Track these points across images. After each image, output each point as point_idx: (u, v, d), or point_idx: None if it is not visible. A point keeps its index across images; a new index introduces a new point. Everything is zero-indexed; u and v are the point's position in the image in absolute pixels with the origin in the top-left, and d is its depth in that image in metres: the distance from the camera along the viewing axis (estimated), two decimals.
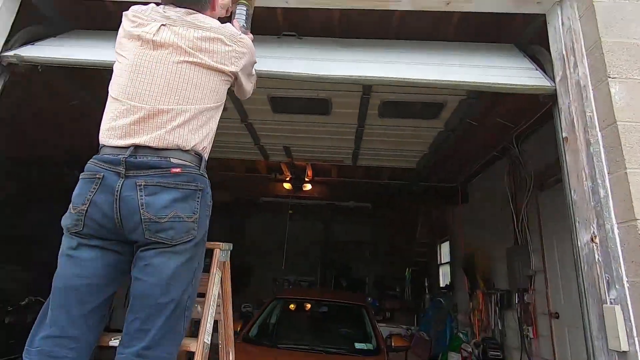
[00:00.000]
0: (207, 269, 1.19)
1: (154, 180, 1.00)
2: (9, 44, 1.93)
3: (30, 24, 2.09)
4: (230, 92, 2.99)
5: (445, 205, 6.31)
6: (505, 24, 2.14)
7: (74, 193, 1.02)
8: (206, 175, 1.14)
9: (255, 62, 1.36)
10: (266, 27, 2.28)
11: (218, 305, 1.19)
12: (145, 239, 0.98)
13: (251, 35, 1.55)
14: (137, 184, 0.98)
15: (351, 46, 2.20)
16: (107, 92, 1.18)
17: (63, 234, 1.06)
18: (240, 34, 1.23)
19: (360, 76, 1.89)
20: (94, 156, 1.06)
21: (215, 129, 1.21)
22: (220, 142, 4.32)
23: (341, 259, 9.17)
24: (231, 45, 1.17)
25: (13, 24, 1.95)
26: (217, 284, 1.14)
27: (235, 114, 3.43)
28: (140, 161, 1.02)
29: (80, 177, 1.04)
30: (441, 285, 6.94)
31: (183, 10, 1.18)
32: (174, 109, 1.05)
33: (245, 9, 1.53)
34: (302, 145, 4.19)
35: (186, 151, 1.07)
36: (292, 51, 2.14)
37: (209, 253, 1.21)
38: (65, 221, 1.02)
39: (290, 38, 2.26)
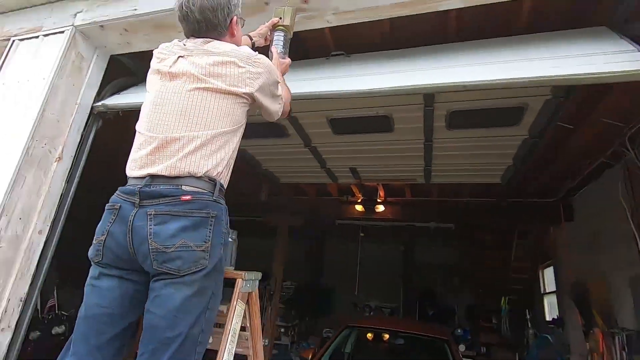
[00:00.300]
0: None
1: (163, 209, 0.99)
2: (100, 95, 2.27)
3: (118, 76, 2.44)
4: (292, 119, 3.09)
5: (545, 224, 5.43)
6: (589, 5, 1.78)
7: (98, 225, 1.07)
8: (222, 202, 1.11)
9: (278, 82, 1.29)
10: (316, 50, 2.29)
11: (245, 340, 1.11)
12: (153, 269, 0.97)
13: (289, 60, 1.54)
14: (148, 213, 0.99)
15: (405, 56, 2.06)
16: None
17: None
18: (256, 55, 1.19)
19: (416, 85, 1.72)
20: (118, 188, 1.11)
21: (233, 153, 1.17)
22: (290, 168, 4.45)
23: (425, 285, 8.49)
24: (244, 67, 1.13)
25: (103, 78, 2.29)
26: (238, 317, 1.06)
27: (298, 139, 3.48)
28: (152, 190, 1.02)
29: (105, 208, 1.09)
30: (547, 318, 5.88)
31: (201, 40, 1.20)
32: (185, 135, 1.05)
33: (282, 34, 1.54)
34: (369, 165, 4.06)
35: (199, 178, 1.05)
36: (342, 69, 2.09)
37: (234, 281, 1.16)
38: (90, 252, 1.07)
39: (340, 57, 2.22)
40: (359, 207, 5.63)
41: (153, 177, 1.04)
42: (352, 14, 1.73)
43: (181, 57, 1.16)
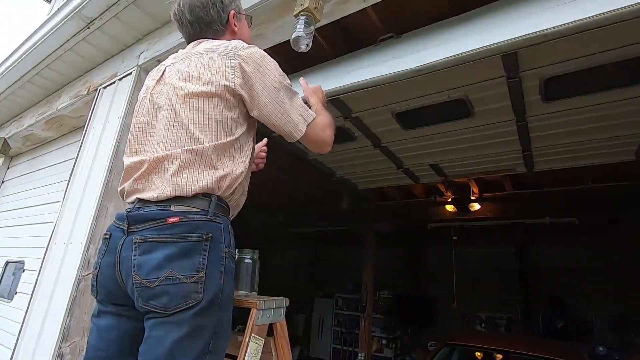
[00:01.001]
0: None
1: (148, 235, 0.86)
2: None
3: None
4: (355, 120, 2.88)
5: None
6: None
7: None
8: (220, 220, 0.92)
9: (287, 87, 1.02)
10: (363, 39, 2.06)
11: None
12: (140, 306, 0.83)
13: (305, 49, 1.37)
14: (133, 241, 0.87)
15: (470, 19, 1.68)
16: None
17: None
18: (243, 46, 1.00)
19: (478, 49, 1.36)
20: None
21: (242, 165, 0.98)
22: (364, 173, 4.22)
23: (549, 292, 7.16)
24: (225, 61, 0.95)
25: None
26: (254, 356, 0.88)
27: (366, 140, 3.25)
28: (139, 213, 0.90)
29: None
30: None
31: (193, 43, 1.08)
32: (171, 154, 0.91)
33: (303, 20, 1.36)
34: (452, 159, 3.57)
35: (191, 196, 0.90)
36: (393, 52, 1.81)
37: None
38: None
39: (389, 41, 1.95)
40: (449, 208, 5.05)
41: (142, 200, 0.93)
42: None
43: (168, 66, 1.05)
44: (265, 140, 1.39)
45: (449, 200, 5.05)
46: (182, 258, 0.84)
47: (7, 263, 3.23)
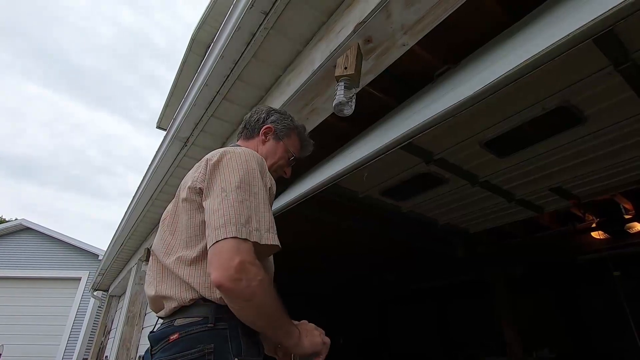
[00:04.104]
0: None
1: (159, 358, 0.78)
2: None
3: None
4: (439, 162, 2.65)
5: None
6: None
7: None
8: (223, 325, 0.79)
9: (234, 188, 0.83)
10: (419, 80, 1.96)
11: None
12: None
13: (349, 112, 1.33)
14: None
15: (535, 18, 1.45)
16: None
17: None
18: (232, 151, 0.92)
19: (562, 38, 1.08)
20: None
21: None
22: (471, 214, 3.76)
23: None
24: (206, 161, 0.91)
25: None
26: None
27: (460, 180, 2.93)
28: (153, 334, 0.84)
29: None
30: None
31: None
32: (169, 262, 0.86)
33: (343, 85, 1.35)
34: (576, 177, 2.92)
35: (189, 305, 0.81)
36: (450, 83, 1.65)
37: None
38: None
39: (448, 73, 1.80)
40: (595, 234, 4.03)
41: (161, 317, 0.88)
42: (424, 20, 1.40)
43: None
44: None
45: (594, 225, 4.06)
46: None
47: None
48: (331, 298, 7.87)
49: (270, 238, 0.80)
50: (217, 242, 0.75)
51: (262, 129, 1.19)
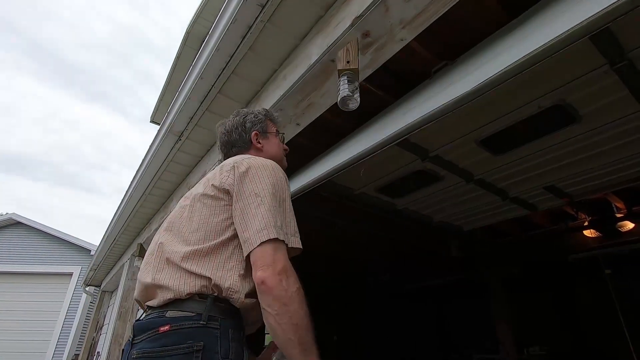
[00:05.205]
0: None
1: (141, 348, 0.77)
2: None
3: None
4: (435, 159, 2.65)
5: None
6: None
7: None
8: (215, 324, 0.78)
9: (268, 197, 0.88)
10: (416, 77, 1.95)
11: None
12: None
13: (354, 107, 1.32)
14: (132, 356, 0.78)
15: (530, 16, 1.44)
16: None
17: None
18: (250, 158, 0.99)
19: (558, 36, 1.08)
20: None
21: (234, 261, 0.86)
22: (465, 212, 3.77)
23: None
24: (228, 168, 0.97)
25: None
26: None
27: (455, 177, 2.93)
28: (139, 322, 0.83)
29: None
30: None
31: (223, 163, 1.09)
32: (196, 248, 0.87)
33: (346, 78, 1.34)
34: (570, 175, 2.94)
35: (185, 299, 0.81)
36: (448, 79, 1.64)
37: None
38: None
39: (446, 69, 1.79)
40: (588, 233, 4.08)
41: (150, 307, 0.87)
42: (423, 15, 1.38)
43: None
44: None
45: (586, 224, 4.11)
46: None
47: None
48: (325, 297, 7.87)
49: (296, 242, 0.87)
50: (262, 243, 0.80)
51: (252, 138, 1.21)
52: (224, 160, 1.17)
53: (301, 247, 0.88)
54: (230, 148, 1.20)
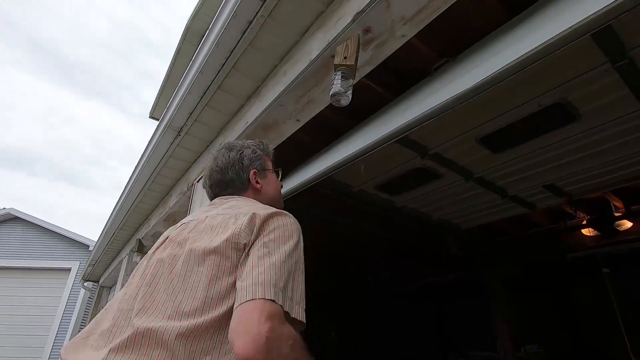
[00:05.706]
0: None
1: None
2: None
3: None
4: (434, 156, 2.65)
5: None
6: None
7: None
8: None
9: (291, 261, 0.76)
10: (417, 75, 1.94)
11: None
12: None
13: (345, 103, 1.30)
14: None
15: (532, 14, 1.44)
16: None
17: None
18: (275, 212, 0.84)
19: (559, 34, 1.07)
20: None
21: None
22: (464, 210, 3.78)
23: None
24: (239, 219, 0.81)
25: None
26: None
27: (455, 175, 2.93)
28: None
29: None
30: None
31: (214, 204, 0.99)
32: (196, 322, 0.72)
33: (340, 74, 1.33)
34: (569, 174, 2.95)
35: None
36: (448, 76, 1.63)
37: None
38: None
39: (446, 66, 1.79)
40: (586, 231, 4.09)
41: None
42: (424, 11, 1.38)
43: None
44: None
45: (584, 222, 4.12)
46: None
47: None
48: (325, 296, 7.88)
49: (300, 313, 0.69)
50: (249, 301, 0.63)
51: (250, 178, 1.08)
52: (214, 200, 1.06)
53: (304, 321, 0.69)
54: (225, 188, 1.06)
